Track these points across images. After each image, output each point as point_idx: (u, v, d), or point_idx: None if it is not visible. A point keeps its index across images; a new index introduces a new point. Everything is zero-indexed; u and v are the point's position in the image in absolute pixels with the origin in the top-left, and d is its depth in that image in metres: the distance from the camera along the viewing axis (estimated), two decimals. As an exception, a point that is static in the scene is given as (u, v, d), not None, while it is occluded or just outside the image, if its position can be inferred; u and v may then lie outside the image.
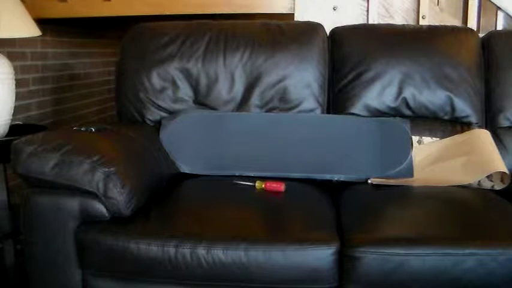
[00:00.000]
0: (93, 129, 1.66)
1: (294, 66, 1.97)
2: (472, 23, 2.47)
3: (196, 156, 1.87)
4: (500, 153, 1.84)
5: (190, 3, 2.52)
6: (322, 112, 2.00)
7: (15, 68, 2.03)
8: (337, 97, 2.02)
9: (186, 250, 1.35)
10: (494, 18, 2.53)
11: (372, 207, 1.58)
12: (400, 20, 2.47)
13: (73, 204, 1.43)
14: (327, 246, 1.34)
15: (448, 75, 1.94)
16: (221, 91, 1.98)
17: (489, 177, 1.77)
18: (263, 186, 1.69)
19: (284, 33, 2.02)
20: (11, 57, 2.12)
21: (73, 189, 1.43)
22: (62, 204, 1.43)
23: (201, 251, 1.35)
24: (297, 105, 1.98)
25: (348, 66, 2.00)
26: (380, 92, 1.95)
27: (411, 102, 1.95)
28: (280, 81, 1.97)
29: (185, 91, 1.99)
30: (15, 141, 1.48)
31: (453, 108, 1.95)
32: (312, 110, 1.98)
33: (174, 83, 1.98)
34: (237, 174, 1.83)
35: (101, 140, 1.60)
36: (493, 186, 1.77)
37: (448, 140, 1.93)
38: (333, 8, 2.47)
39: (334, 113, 2.01)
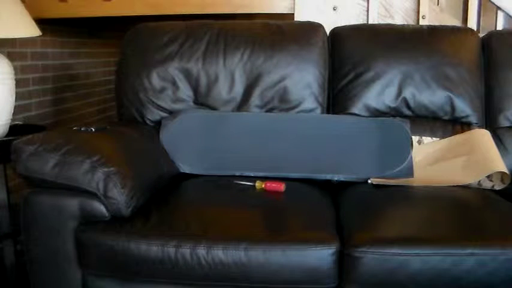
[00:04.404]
0: (93, 129, 1.66)
1: (294, 66, 1.97)
2: (472, 23, 2.47)
3: (196, 156, 1.87)
4: (500, 153, 1.84)
5: (190, 3, 2.52)
6: (322, 112, 2.00)
7: (15, 68, 2.03)
8: (337, 97, 2.02)
9: (186, 250, 1.35)
10: (494, 18, 2.53)
11: (371, 207, 1.58)
12: (400, 20, 2.47)
13: (73, 204, 1.43)
14: (327, 246, 1.34)
15: (448, 75, 1.94)
16: (221, 91, 1.98)
17: (489, 177, 1.77)
18: (263, 186, 1.69)
19: (284, 33, 2.02)
20: (11, 57, 2.12)
21: (73, 189, 1.43)
22: (62, 204, 1.43)
23: (201, 251, 1.35)
24: (297, 105, 1.98)
25: (348, 66, 2.00)
26: (380, 92, 1.96)
27: (411, 102, 1.95)
28: (280, 81, 1.97)
29: (185, 91, 1.99)
30: (15, 141, 1.48)
31: (453, 108, 1.95)
32: (312, 110, 1.98)
33: (174, 83, 1.98)
34: (237, 174, 1.83)
35: (101, 140, 1.60)
36: (493, 186, 1.77)
37: (448, 140, 1.93)
38: (333, 8, 2.47)
39: (334, 113, 2.01)
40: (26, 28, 1.99)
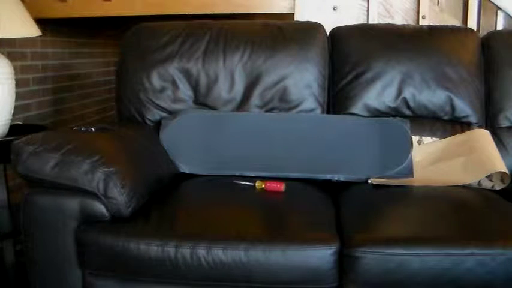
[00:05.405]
0: (93, 129, 1.66)
1: (294, 66, 1.97)
2: (472, 23, 2.47)
3: (196, 156, 1.87)
4: (500, 153, 1.84)
5: (191, 3, 2.52)
6: (322, 112, 2.00)
7: (15, 68, 2.03)
8: (337, 97, 2.02)
9: (186, 250, 1.35)
10: (494, 18, 2.53)
11: (371, 207, 1.58)
12: (400, 20, 2.47)
13: (73, 204, 1.43)
14: (327, 246, 1.34)
15: (448, 75, 1.94)
16: (221, 91, 1.98)
17: (489, 177, 1.77)
18: (263, 186, 1.69)
19: (284, 33, 2.02)
20: (11, 57, 2.12)
21: (73, 189, 1.43)
22: (62, 204, 1.43)
23: (201, 251, 1.35)
24: (297, 105, 1.98)
25: (348, 66, 2.00)
26: (380, 92, 1.96)
27: (411, 102, 1.95)
28: (280, 81, 1.97)
29: (185, 91, 1.99)
30: (15, 141, 1.48)
31: (453, 108, 1.95)
32: (312, 110, 1.98)
33: (174, 83, 1.98)
34: (237, 174, 1.83)
35: (101, 140, 1.60)
36: (493, 186, 1.77)
37: (448, 140, 1.93)
38: (333, 8, 2.47)
39: (334, 113, 2.01)
40: (26, 28, 1.99)
